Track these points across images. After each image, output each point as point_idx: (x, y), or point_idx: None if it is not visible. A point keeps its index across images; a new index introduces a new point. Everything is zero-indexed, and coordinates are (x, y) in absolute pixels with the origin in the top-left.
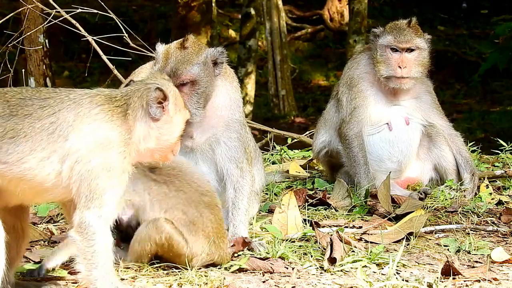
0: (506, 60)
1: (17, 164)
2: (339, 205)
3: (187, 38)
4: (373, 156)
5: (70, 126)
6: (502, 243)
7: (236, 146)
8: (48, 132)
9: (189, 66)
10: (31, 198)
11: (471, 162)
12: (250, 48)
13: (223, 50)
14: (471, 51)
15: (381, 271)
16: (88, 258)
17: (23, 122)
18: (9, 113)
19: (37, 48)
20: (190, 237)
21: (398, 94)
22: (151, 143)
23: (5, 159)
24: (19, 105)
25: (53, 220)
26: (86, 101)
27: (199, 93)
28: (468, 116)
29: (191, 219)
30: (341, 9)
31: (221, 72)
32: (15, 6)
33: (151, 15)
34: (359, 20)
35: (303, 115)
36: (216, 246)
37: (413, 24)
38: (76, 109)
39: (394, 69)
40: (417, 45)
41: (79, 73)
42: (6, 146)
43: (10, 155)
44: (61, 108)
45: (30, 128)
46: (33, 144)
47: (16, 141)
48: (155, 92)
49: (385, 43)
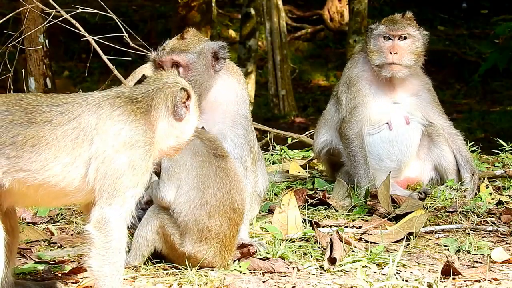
0: (506, 60)
1: (40, 172)
2: (339, 205)
3: (188, 30)
4: (373, 155)
5: (94, 129)
6: (502, 243)
7: (242, 144)
8: (71, 137)
9: (184, 52)
10: (49, 201)
11: (471, 161)
12: (250, 48)
13: (223, 44)
14: (471, 51)
15: (381, 271)
16: (102, 254)
17: (44, 129)
18: (27, 121)
19: (37, 48)
20: (197, 242)
21: (396, 89)
22: (172, 141)
23: (28, 167)
24: (36, 112)
25: (53, 220)
26: (107, 103)
27: (191, 80)
28: (468, 116)
29: (209, 225)
30: (341, 9)
31: (224, 68)
32: (15, 6)
33: (151, 15)
34: (359, 20)
35: (303, 115)
36: (220, 257)
37: (407, 16)
38: (98, 112)
39: (386, 55)
40: (409, 33)
41: (79, 73)
42: (28, 155)
43: (32, 164)
44: (81, 113)
45: (52, 135)
46: (56, 151)
47: (38, 149)
48: (180, 93)
49: (378, 33)
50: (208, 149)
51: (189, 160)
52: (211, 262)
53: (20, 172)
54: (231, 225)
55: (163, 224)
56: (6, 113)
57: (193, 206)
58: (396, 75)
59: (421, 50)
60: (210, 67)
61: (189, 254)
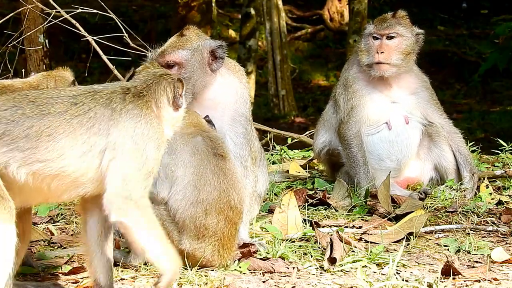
0: (506, 60)
1: (56, 161)
2: (339, 205)
3: (188, 27)
4: (373, 155)
5: (110, 120)
6: (502, 243)
7: (242, 142)
8: (87, 126)
9: (177, 50)
10: (60, 194)
11: (470, 160)
12: (250, 48)
13: (222, 43)
14: (471, 51)
15: (381, 271)
16: (148, 228)
17: (59, 119)
18: (39, 112)
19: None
20: (195, 239)
21: (393, 87)
22: (169, 131)
23: (44, 157)
24: (49, 104)
25: (53, 220)
26: (118, 98)
27: (185, 77)
28: (468, 116)
29: (206, 223)
30: (341, 9)
31: (220, 67)
32: (15, 6)
33: (151, 15)
34: (359, 20)
35: (303, 115)
36: (219, 256)
37: (399, 15)
38: (111, 105)
39: (373, 55)
40: (397, 32)
41: (79, 73)
42: (44, 144)
43: (49, 153)
44: (96, 104)
45: (68, 124)
46: (73, 139)
47: (55, 138)
48: (178, 83)
49: (367, 32)
50: (208, 148)
51: (188, 157)
52: (209, 261)
53: (36, 164)
54: (229, 223)
55: (162, 220)
56: (14, 108)
57: (190, 203)
58: (385, 74)
59: (411, 49)
60: (205, 65)
61: (187, 251)
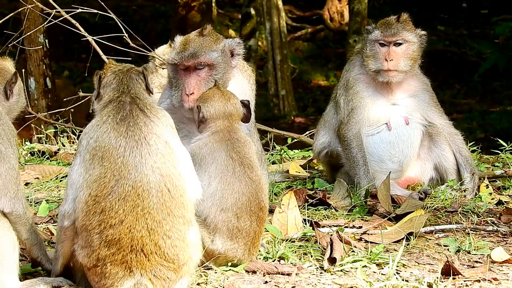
0: (506, 60)
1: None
2: (339, 205)
3: (206, 27)
4: (374, 157)
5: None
6: (502, 243)
7: None
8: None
9: (208, 51)
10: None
11: (471, 161)
12: (250, 48)
13: (240, 41)
14: (471, 51)
15: (381, 271)
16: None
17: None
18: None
19: (37, 48)
20: (228, 240)
21: (394, 90)
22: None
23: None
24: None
25: (53, 220)
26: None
27: (216, 79)
28: (468, 116)
29: (239, 225)
30: (341, 9)
31: (237, 65)
32: (15, 6)
33: (151, 15)
34: (359, 20)
35: (303, 115)
36: (249, 253)
37: (403, 19)
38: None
39: (381, 62)
40: (404, 38)
41: (79, 73)
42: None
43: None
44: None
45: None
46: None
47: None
48: (145, 69)
49: (373, 38)
50: (235, 157)
51: (213, 169)
52: (240, 260)
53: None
54: (260, 223)
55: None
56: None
57: (220, 209)
58: (393, 80)
59: (418, 54)
60: (229, 64)
61: (219, 252)
